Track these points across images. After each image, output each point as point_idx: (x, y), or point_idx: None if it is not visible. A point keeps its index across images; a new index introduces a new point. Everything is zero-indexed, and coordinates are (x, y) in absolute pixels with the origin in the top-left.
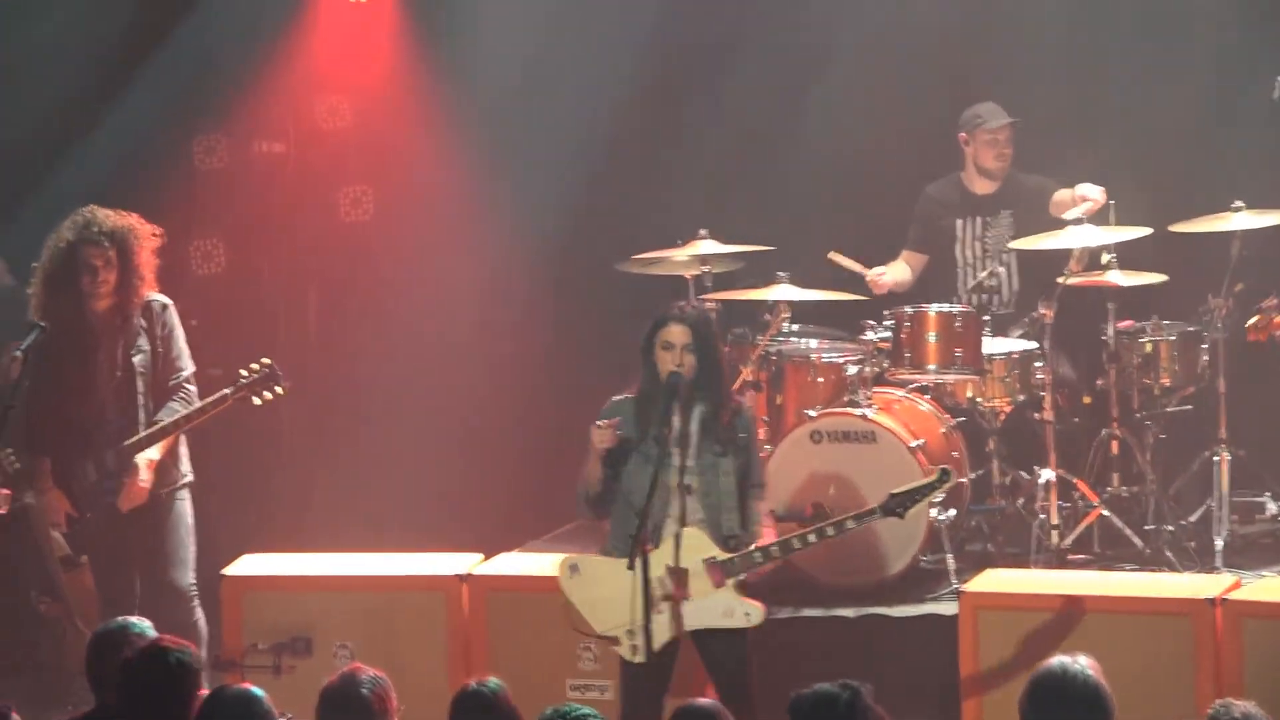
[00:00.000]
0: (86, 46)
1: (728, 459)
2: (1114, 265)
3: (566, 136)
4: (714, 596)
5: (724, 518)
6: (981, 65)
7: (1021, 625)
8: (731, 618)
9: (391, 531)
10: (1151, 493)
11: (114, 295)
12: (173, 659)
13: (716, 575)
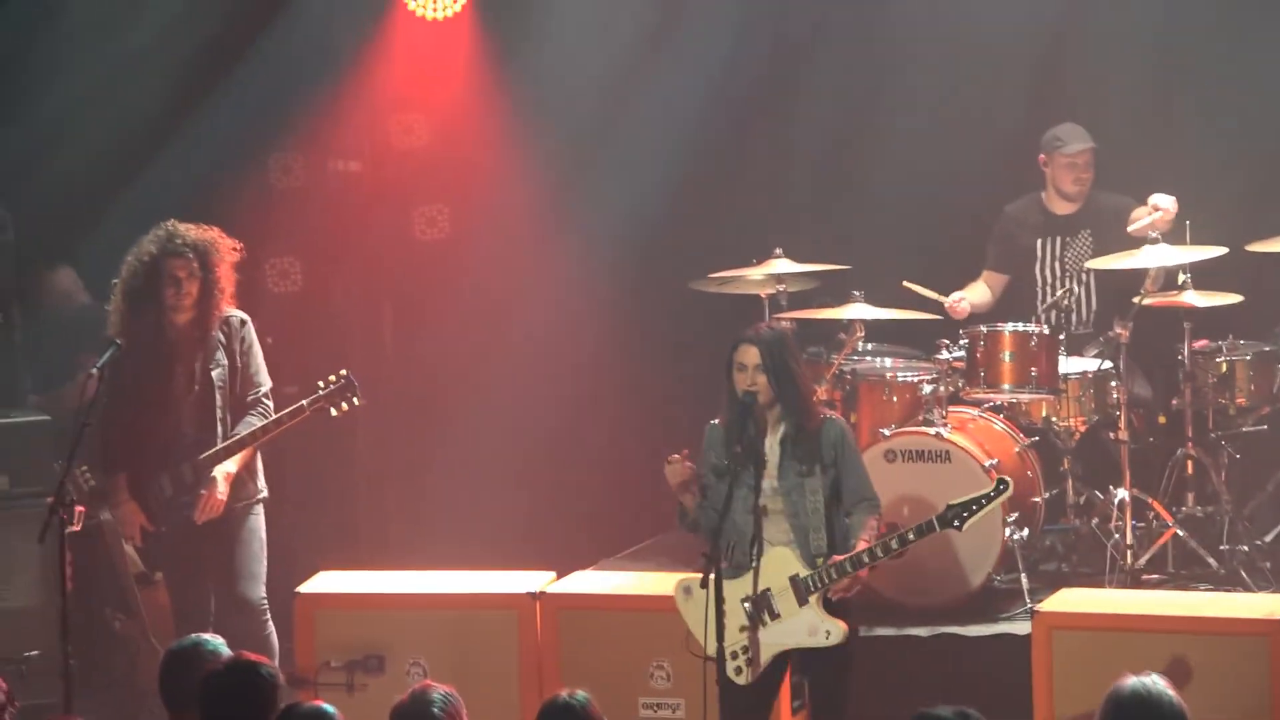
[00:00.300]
0: (165, 64)
1: (814, 478)
2: (1189, 285)
3: (642, 155)
4: (799, 615)
5: (811, 537)
6: (1060, 82)
7: (1096, 646)
8: (815, 636)
9: (465, 549)
10: (1226, 513)
11: (195, 309)
12: (264, 673)
13: (800, 593)
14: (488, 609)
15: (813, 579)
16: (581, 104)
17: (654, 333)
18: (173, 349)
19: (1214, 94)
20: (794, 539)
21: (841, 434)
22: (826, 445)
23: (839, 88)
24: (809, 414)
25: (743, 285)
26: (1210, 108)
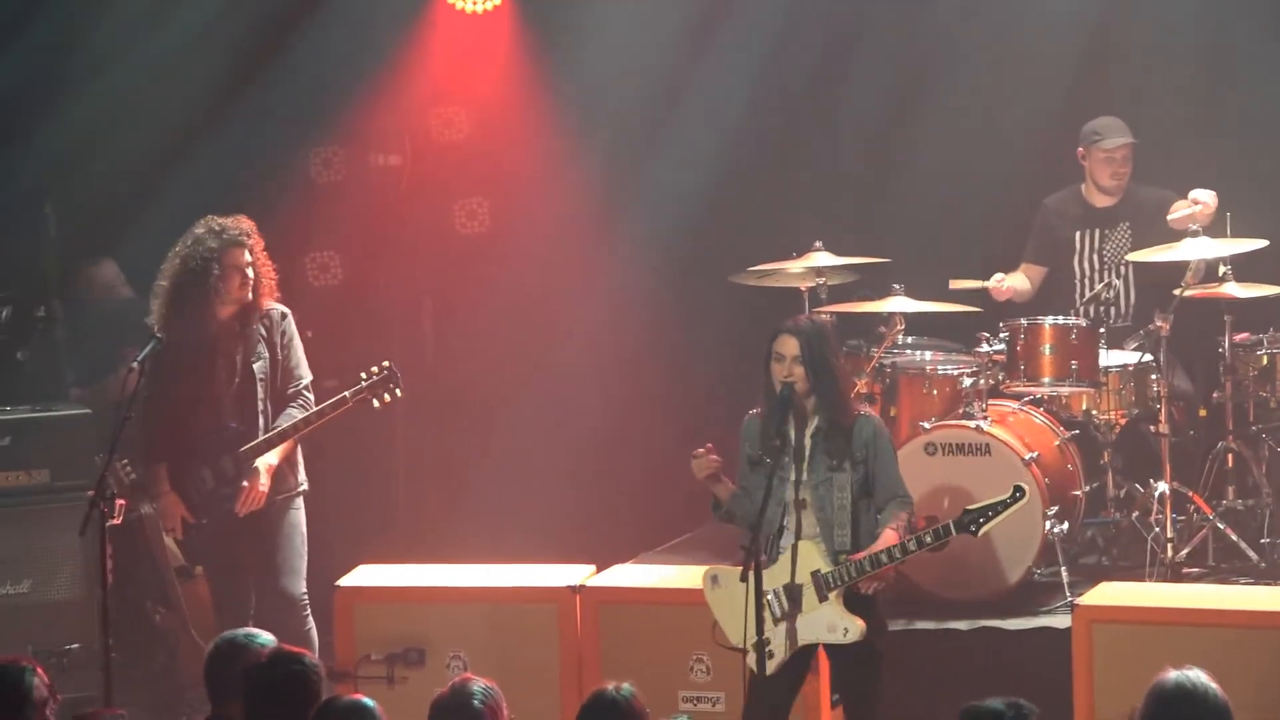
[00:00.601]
0: (205, 60)
1: (843, 474)
2: (1230, 277)
3: (682, 149)
4: (820, 611)
5: (835, 533)
6: (1101, 75)
7: (1136, 639)
8: (834, 633)
9: (504, 542)
10: (1267, 506)
11: (241, 301)
12: (307, 664)
13: (821, 588)
14: (528, 602)
15: (833, 575)
16: (622, 98)
17: (694, 326)
18: (214, 342)
19: (1256, 87)
20: (820, 533)
21: (875, 432)
22: (859, 442)
23: (880, 81)
24: (844, 409)
25: (782, 279)
26: (1253, 101)
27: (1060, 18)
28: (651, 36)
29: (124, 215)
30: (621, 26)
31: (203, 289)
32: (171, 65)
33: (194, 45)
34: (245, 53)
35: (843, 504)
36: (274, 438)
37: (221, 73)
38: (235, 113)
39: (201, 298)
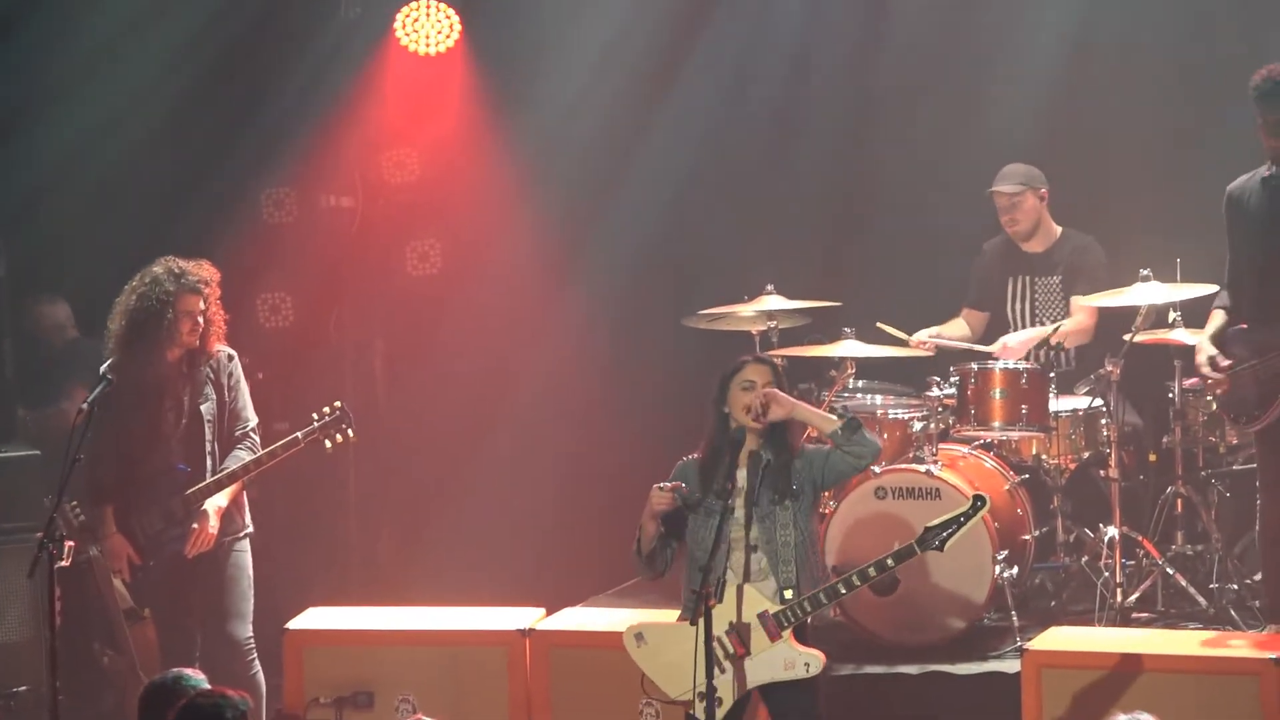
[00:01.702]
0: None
1: (785, 510)
2: (1180, 323)
3: (634, 192)
4: (773, 650)
5: (780, 569)
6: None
7: (1085, 684)
8: (793, 669)
9: (456, 585)
10: (1216, 551)
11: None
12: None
13: (771, 628)
14: (478, 645)
15: (785, 614)
16: (574, 141)
17: (645, 370)
18: (162, 384)
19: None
20: (766, 569)
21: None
22: (805, 474)
23: (834, 127)
24: (792, 445)
25: (734, 322)
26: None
27: (1011, 72)
28: (604, 80)
29: (74, 254)
30: (574, 70)
31: (155, 330)
32: (123, 105)
33: (146, 86)
34: (197, 93)
35: (786, 540)
36: (223, 479)
37: (174, 113)
38: (187, 153)
39: (153, 338)
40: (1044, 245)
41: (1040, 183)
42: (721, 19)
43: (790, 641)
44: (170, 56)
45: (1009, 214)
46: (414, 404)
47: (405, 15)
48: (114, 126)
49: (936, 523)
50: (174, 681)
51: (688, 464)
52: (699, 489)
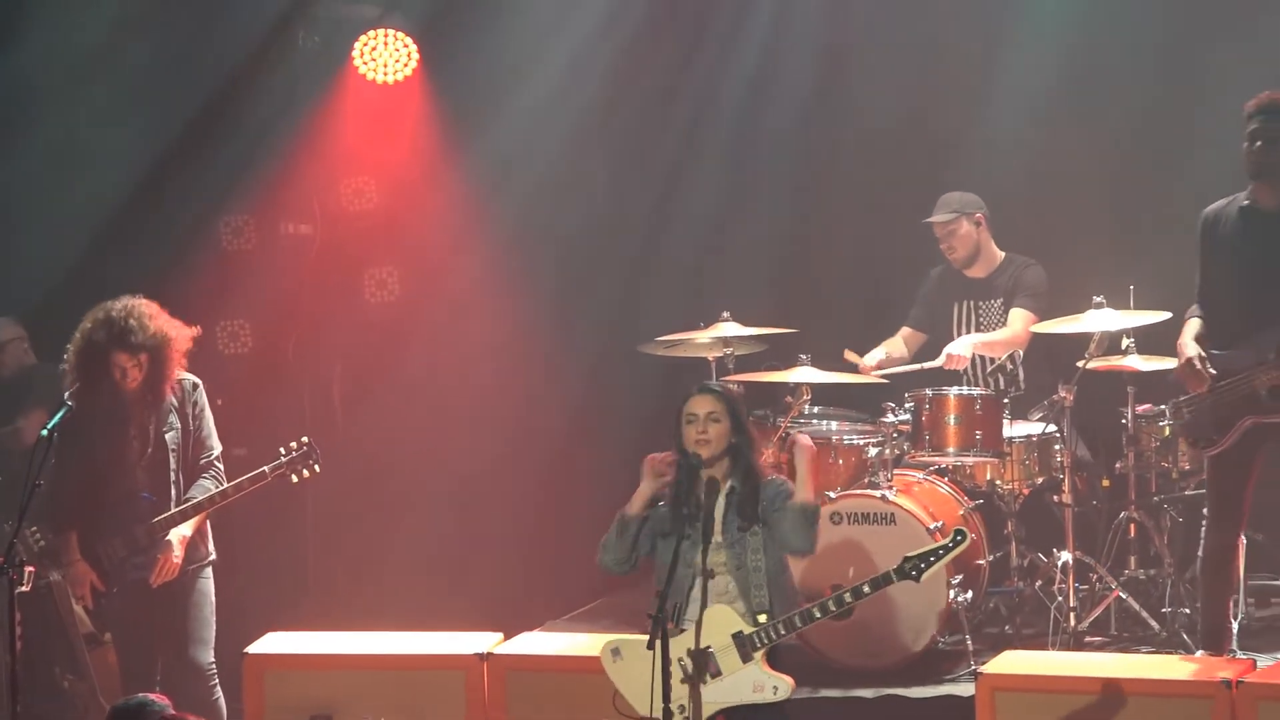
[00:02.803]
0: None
1: (755, 536)
2: (1133, 350)
3: (592, 218)
4: (743, 672)
5: (753, 593)
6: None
7: (1039, 707)
8: (761, 692)
9: (414, 610)
10: (1169, 576)
11: (144, 383)
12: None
13: (744, 650)
14: (436, 669)
15: (758, 636)
16: (530, 169)
17: (602, 396)
18: (126, 411)
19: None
20: (737, 594)
21: (780, 491)
22: (765, 500)
23: (790, 156)
24: (756, 470)
25: (690, 349)
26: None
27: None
28: (559, 109)
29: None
30: (530, 99)
31: (97, 370)
32: (85, 132)
33: (107, 113)
34: (157, 120)
35: (757, 565)
36: (189, 509)
37: (134, 139)
38: (146, 180)
39: (97, 376)
40: (986, 271)
41: (975, 208)
42: (678, 55)
43: (761, 664)
44: (131, 84)
45: (946, 242)
46: (372, 430)
47: (364, 44)
48: (76, 153)
49: (916, 554)
50: (138, 707)
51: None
52: (669, 518)
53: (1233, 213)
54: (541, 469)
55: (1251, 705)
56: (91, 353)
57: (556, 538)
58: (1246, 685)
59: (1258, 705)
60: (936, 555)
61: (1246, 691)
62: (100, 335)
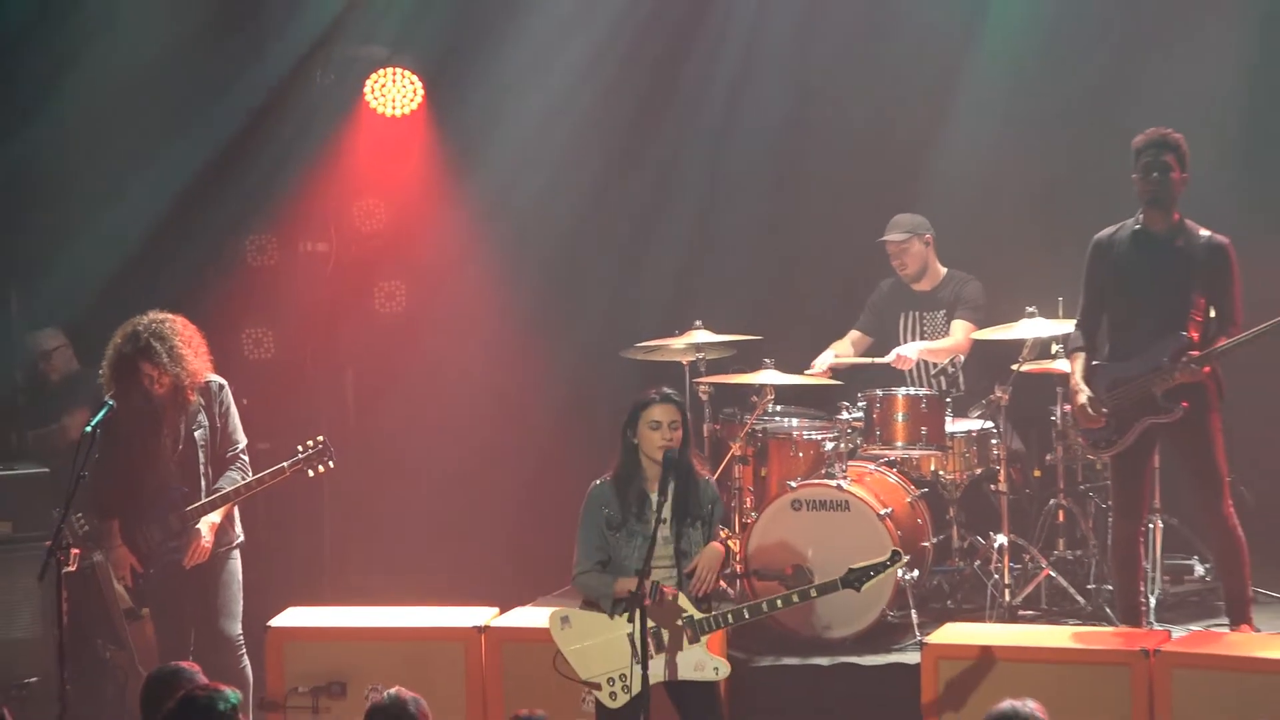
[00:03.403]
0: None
1: (698, 530)
2: (1061, 354)
3: (577, 238)
4: (687, 651)
5: (686, 582)
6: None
7: (977, 673)
8: (702, 671)
9: (418, 587)
10: (1093, 556)
11: (170, 388)
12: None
13: (691, 633)
14: (438, 641)
15: (708, 622)
16: (524, 193)
17: (585, 397)
18: (158, 413)
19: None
20: (678, 581)
21: (715, 492)
22: (705, 500)
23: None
24: (694, 471)
25: (666, 353)
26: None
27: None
28: (548, 140)
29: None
30: (523, 130)
31: (131, 379)
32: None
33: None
34: (191, 149)
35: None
36: (217, 500)
37: (171, 167)
38: (180, 204)
39: (134, 383)
40: (931, 285)
41: (925, 229)
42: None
43: (704, 647)
44: (168, 118)
45: (898, 259)
46: (381, 427)
47: (374, 81)
48: (116, 180)
49: (860, 566)
50: (172, 674)
51: (604, 485)
52: (618, 508)
53: (1125, 236)
54: (533, 462)
55: (1166, 672)
56: (121, 363)
57: (545, 523)
58: (1162, 654)
59: (1172, 672)
60: (876, 570)
61: (1162, 660)
62: (128, 348)
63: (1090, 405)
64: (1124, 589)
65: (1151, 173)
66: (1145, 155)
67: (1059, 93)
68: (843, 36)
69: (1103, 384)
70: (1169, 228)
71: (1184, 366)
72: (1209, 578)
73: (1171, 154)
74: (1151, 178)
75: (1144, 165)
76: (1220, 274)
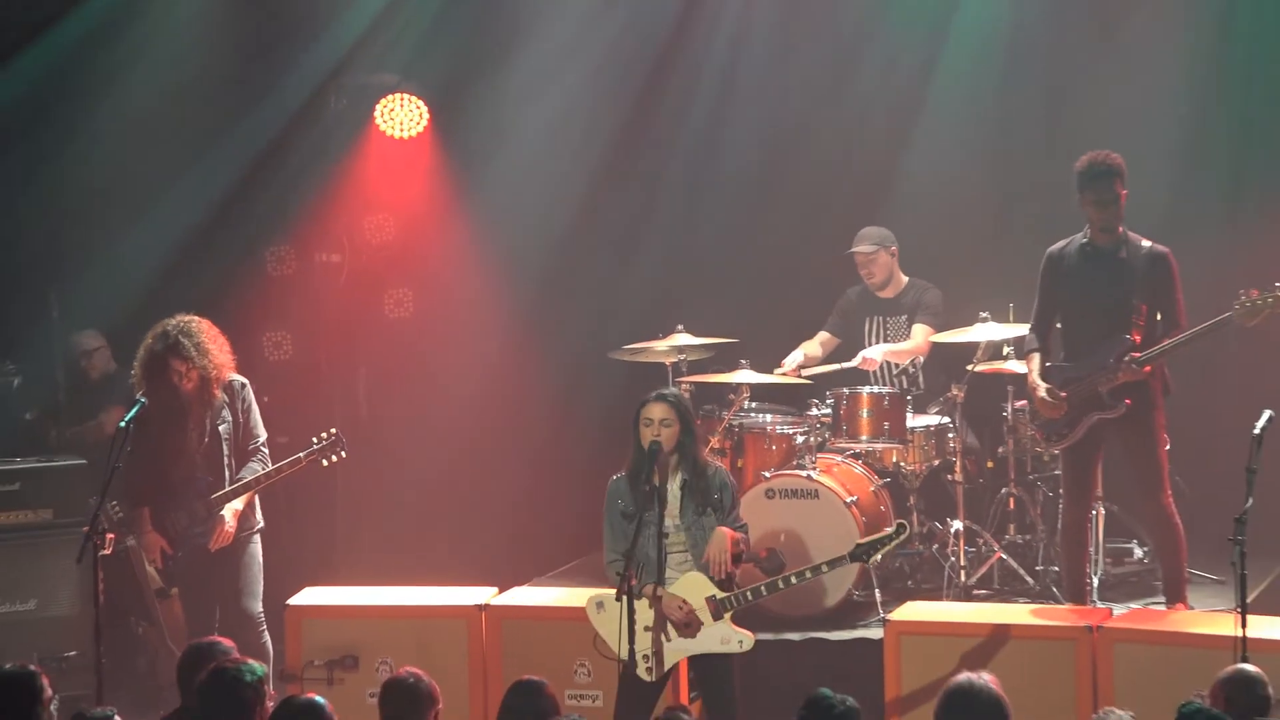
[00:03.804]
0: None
1: (708, 517)
2: (1012, 356)
3: (569, 249)
4: (713, 627)
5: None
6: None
7: (935, 647)
8: (728, 645)
9: (424, 569)
10: (1041, 540)
11: (197, 385)
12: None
13: (715, 610)
14: (442, 618)
15: (731, 600)
16: (521, 209)
17: (577, 394)
18: (186, 408)
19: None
20: (695, 566)
21: (724, 480)
22: (714, 488)
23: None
24: (701, 463)
25: (651, 355)
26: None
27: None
28: (542, 159)
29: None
30: (519, 150)
31: (161, 377)
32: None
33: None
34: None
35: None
36: (239, 488)
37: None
38: (206, 218)
39: (163, 381)
40: (894, 292)
41: (891, 242)
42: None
43: (729, 622)
44: (197, 140)
45: (866, 269)
46: (390, 422)
47: (384, 106)
48: (152, 196)
49: (867, 541)
50: (209, 645)
51: (620, 480)
52: (631, 500)
53: (1074, 250)
54: (529, 453)
55: (1109, 646)
56: (152, 361)
57: (541, 510)
58: (1104, 629)
59: (1114, 646)
60: (883, 543)
61: (1105, 635)
62: (158, 346)
63: (1049, 395)
64: (1071, 570)
65: (1106, 206)
66: (1097, 186)
67: (1009, 119)
68: (815, 64)
69: (1056, 383)
70: (1113, 241)
71: (1126, 366)
72: (1147, 560)
73: (1117, 179)
74: (1107, 211)
75: (1095, 199)
76: (1162, 282)
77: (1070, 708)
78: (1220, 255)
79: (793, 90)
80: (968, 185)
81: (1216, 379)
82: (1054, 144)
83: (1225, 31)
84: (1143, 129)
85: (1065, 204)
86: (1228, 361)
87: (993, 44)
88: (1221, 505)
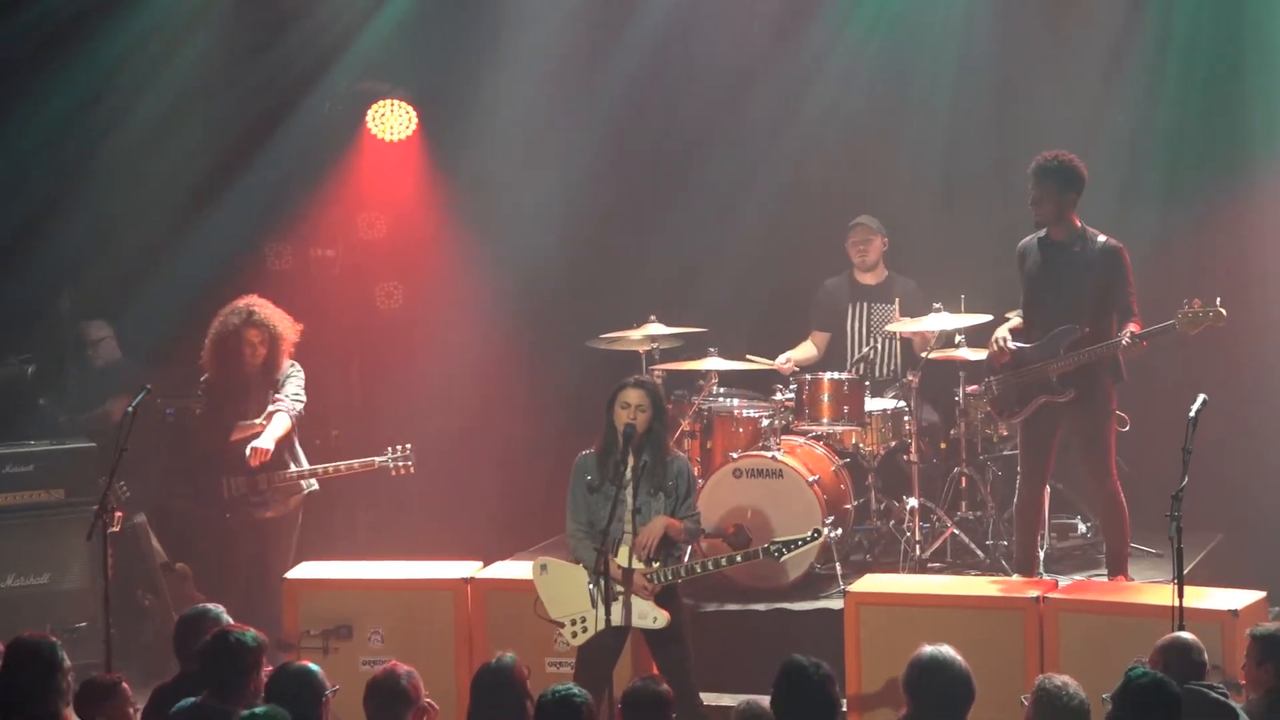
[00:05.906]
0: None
1: (659, 500)
2: (964, 344)
3: (551, 245)
4: (638, 603)
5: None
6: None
7: (893, 617)
8: (644, 620)
9: (414, 544)
10: (991, 516)
11: (264, 361)
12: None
13: (639, 586)
14: (431, 590)
15: (654, 577)
16: (503, 203)
17: (559, 379)
18: (247, 386)
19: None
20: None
21: (682, 468)
22: (670, 474)
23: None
24: (667, 449)
25: (625, 344)
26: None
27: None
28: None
29: (123, 294)
30: (501, 152)
31: (234, 349)
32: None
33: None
34: (220, 168)
35: None
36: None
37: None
38: (211, 215)
39: (234, 355)
40: (877, 280)
41: (885, 232)
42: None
43: (649, 599)
44: (198, 143)
45: (862, 245)
46: (382, 407)
47: (375, 111)
48: (153, 195)
49: (782, 539)
50: (199, 614)
51: (588, 456)
52: (598, 475)
53: (1035, 244)
54: (511, 435)
55: (1054, 615)
56: (226, 334)
57: (523, 488)
58: (1050, 600)
59: (1058, 615)
60: (796, 544)
61: (1050, 605)
62: (235, 320)
63: (1000, 341)
64: (1023, 543)
65: (1036, 204)
66: (1031, 185)
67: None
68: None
69: (1013, 363)
70: (1069, 235)
71: (1078, 355)
72: (1090, 535)
73: (1049, 180)
74: (1037, 209)
75: (1030, 198)
76: (1114, 275)
77: (1019, 673)
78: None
79: (761, 86)
80: (922, 190)
81: (1154, 367)
82: (1003, 143)
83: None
84: (1084, 134)
85: (1015, 202)
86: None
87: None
88: (1160, 483)
